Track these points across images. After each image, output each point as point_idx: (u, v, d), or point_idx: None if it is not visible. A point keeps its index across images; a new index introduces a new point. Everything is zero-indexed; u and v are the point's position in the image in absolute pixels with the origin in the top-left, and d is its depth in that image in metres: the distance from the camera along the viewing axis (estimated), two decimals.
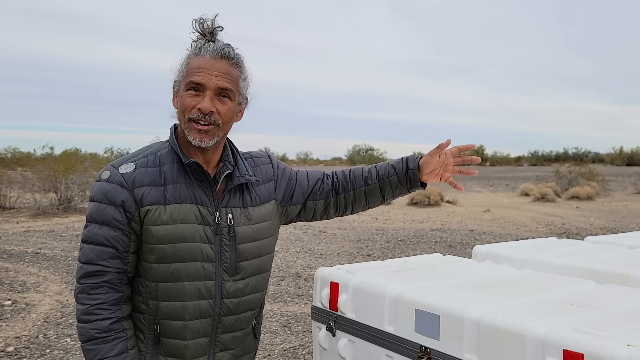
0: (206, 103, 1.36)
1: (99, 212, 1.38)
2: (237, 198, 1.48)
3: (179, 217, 1.39)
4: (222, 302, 1.44)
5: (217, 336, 1.46)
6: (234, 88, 1.41)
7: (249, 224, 1.48)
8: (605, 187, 19.88)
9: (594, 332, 1.38)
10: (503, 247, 2.77)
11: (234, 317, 1.48)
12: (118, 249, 1.37)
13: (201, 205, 1.41)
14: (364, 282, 1.98)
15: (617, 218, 12.88)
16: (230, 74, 1.40)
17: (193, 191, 1.41)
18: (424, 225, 11.40)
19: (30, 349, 4.27)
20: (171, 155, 1.44)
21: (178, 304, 1.40)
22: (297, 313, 5.23)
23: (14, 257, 7.59)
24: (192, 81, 1.37)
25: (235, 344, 1.51)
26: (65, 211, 12.64)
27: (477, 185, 24.57)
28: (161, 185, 1.39)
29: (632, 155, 51.28)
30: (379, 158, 56.94)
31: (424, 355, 1.70)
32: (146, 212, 1.37)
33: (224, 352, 1.49)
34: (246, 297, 1.49)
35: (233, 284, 1.45)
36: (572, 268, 2.30)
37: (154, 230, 1.37)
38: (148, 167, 1.41)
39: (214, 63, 1.38)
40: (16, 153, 30.45)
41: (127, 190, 1.37)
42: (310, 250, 8.40)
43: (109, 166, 1.43)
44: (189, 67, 1.39)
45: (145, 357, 1.44)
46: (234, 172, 1.48)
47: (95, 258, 1.37)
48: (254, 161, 1.59)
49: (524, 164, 57.51)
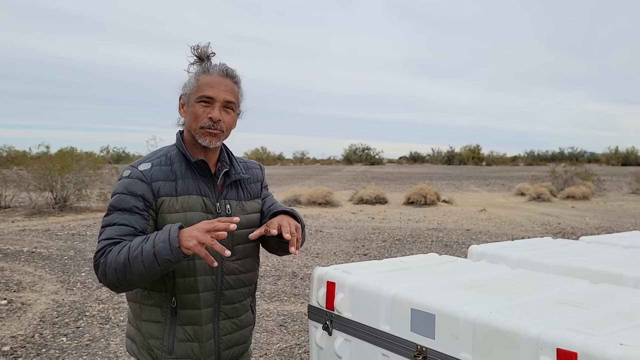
0: (216, 113, 1.66)
1: (121, 201, 1.62)
2: (233, 192, 1.77)
3: (188, 206, 1.66)
4: (222, 278, 1.71)
5: (220, 307, 1.72)
6: (236, 101, 1.72)
7: (244, 213, 1.77)
8: (601, 187, 19.96)
9: (588, 332, 1.39)
10: (498, 246, 2.78)
11: (233, 291, 1.74)
12: (136, 228, 1.60)
13: (205, 197, 1.69)
14: (360, 282, 1.99)
15: (613, 218, 12.94)
16: (234, 90, 1.71)
17: (198, 185, 1.69)
18: (420, 225, 11.42)
19: (26, 348, 4.27)
20: (179, 156, 1.72)
21: (192, 279, 1.65)
22: (294, 312, 5.24)
23: (10, 256, 7.57)
24: (204, 95, 1.66)
25: (235, 314, 1.76)
26: (61, 210, 12.61)
27: (473, 184, 24.63)
28: (173, 180, 1.66)
29: (628, 155, 51.47)
30: (375, 157, 56.95)
31: (420, 354, 1.71)
32: (162, 202, 1.63)
33: (227, 321, 1.74)
34: (242, 275, 1.77)
35: (231, 263, 1.72)
36: (567, 268, 2.32)
37: (168, 217, 1.63)
38: (162, 165, 1.68)
39: (221, 80, 1.68)
40: (12, 152, 30.30)
41: (146, 184, 1.63)
42: (307, 250, 8.40)
43: (129, 166, 1.70)
44: (200, 83, 1.68)
45: (165, 328, 1.67)
46: (230, 171, 1.77)
47: (114, 234, 1.58)
48: (246, 165, 1.89)
49: (520, 163, 57.67)
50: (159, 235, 1.50)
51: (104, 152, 42.55)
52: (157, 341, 1.67)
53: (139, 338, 1.71)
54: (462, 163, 53.93)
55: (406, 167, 50.89)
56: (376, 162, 55.91)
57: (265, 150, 57.74)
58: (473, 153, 56.00)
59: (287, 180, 25.74)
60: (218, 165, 1.77)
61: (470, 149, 56.54)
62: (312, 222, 11.56)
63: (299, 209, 14.06)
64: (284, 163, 56.99)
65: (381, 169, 44.74)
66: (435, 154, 60.49)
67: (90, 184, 13.67)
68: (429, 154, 62.64)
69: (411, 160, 64.18)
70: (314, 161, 63.39)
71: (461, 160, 54.81)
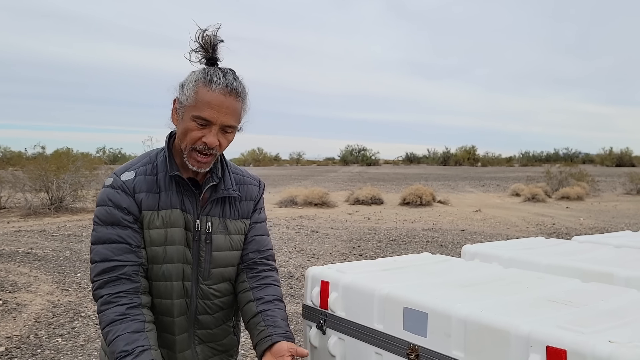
0: (212, 138, 1.46)
1: (107, 215, 1.48)
2: (218, 208, 1.59)
3: (170, 222, 1.51)
4: (197, 302, 1.57)
5: (194, 331, 1.60)
6: (237, 123, 1.52)
7: (225, 234, 1.60)
8: (595, 188, 20.05)
9: (577, 329, 1.41)
10: (491, 246, 2.80)
11: (209, 317, 1.61)
12: (131, 244, 1.47)
13: (186, 212, 1.54)
14: (353, 281, 2.00)
15: (607, 218, 13.00)
16: (236, 110, 1.49)
17: (182, 198, 1.54)
18: (415, 225, 11.45)
19: (21, 349, 4.26)
20: (165, 164, 1.55)
21: (168, 301, 1.53)
22: (290, 312, 5.25)
23: (5, 257, 7.55)
24: (200, 116, 1.45)
25: (213, 339, 1.64)
26: (57, 211, 12.58)
27: (468, 185, 24.68)
28: (157, 192, 1.51)
29: (622, 156, 51.64)
30: (371, 158, 56.97)
31: (412, 352, 1.73)
32: (143, 216, 1.49)
33: (203, 346, 1.63)
34: (219, 300, 1.63)
35: (206, 287, 1.58)
36: (558, 267, 2.33)
37: (146, 233, 1.49)
38: (146, 175, 1.53)
39: (223, 100, 1.45)
40: (7, 152, 30.25)
41: (129, 195, 1.49)
42: (303, 250, 8.41)
43: (112, 174, 1.54)
44: (198, 98, 1.45)
45: None
46: (219, 185, 1.60)
47: (110, 255, 1.45)
48: (243, 179, 1.69)
49: (515, 164, 57.78)
50: None
51: (100, 153, 42.43)
52: None
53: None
54: (457, 164, 54.00)
55: (402, 167, 50.95)
56: (372, 163, 55.93)
57: (262, 151, 57.69)
58: (468, 154, 56.10)
59: (283, 181, 25.73)
60: (207, 176, 1.59)
61: (465, 150, 56.65)
62: (308, 223, 11.56)
63: (295, 209, 14.08)
64: (280, 164, 56.92)
65: (377, 169, 44.77)
66: (431, 155, 60.58)
67: (86, 185, 13.65)
68: (424, 154, 62.75)
69: (407, 161, 64.23)
70: (311, 162, 63.34)
71: (457, 161, 54.89)
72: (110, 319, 1.42)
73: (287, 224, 11.30)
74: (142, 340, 1.40)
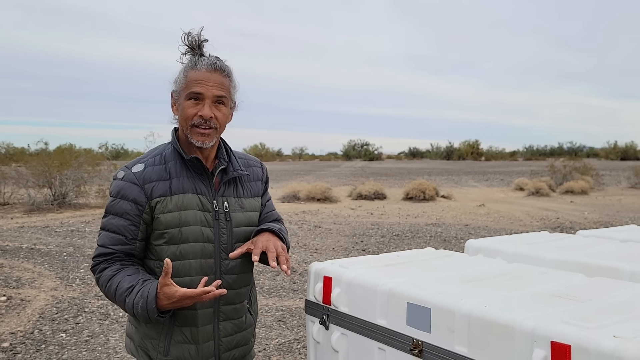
0: (207, 110, 1.61)
1: (115, 206, 1.64)
2: (231, 189, 1.73)
3: (183, 205, 1.63)
4: (222, 277, 1.68)
5: (219, 307, 1.70)
6: (227, 95, 1.66)
7: (242, 211, 1.74)
8: (600, 182, 19.98)
9: (582, 324, 1.40)
10: (495, 241, 2.78)
11: (233, 292, 1.71)
12: (127, 236, 1.63)
13: (201, 195, 1.66)
14: (356, 277, 1.99)
15: (611, 212, 12.96)
16: (224, 84, 1.65)
17: (194, 183, 1.67)
18: (419, 220, 11.44)
19: (25, 344, 4.28)
20: (174, 154, 1.69)
21: (187, 279, 1.62)
22: (292, 308, 5.25)
23: (9, 253, 7.57)
24: (192, 92, 1.61)
25: (236, 315, 1.75)
26: (60, 207, 12.61)
27: (472, 180, 24.64)
28: (167, 179, 1.64)
29: (627, 150, 51.50)
30: (374, 153, 56.93)
31: (416, 347, 1.72)
32: (156, 203, 1.62)
33: (227, 322, 1.72)
34: (242, 275, 1.74)
35: (230, 262, 1.69)
36: (563, 262, 2.32)
37: (162, 217, 1.61)
38: (155, 165, 1.66)
39: (209, 75, 1.62)
40: (10, 148, 30.32)
41: (138, 186, 1.62)
42: (306, 245, 8.42)
43: (123, 167, 1.68)
44: (188, 80, 1.63)
45: (162, 329, 1.66)
46: (228, 167, 1.73)
47: (108, 242, 1.63)
48: (247, 162, 1.84)
49: (518, 158, 57.67)
50: (138, 299, 1.53)
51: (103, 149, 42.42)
52: (154, 342, 1.66)
53: (137, 337, 1.70)
54: (461, 158, 53.91)
55: (405, 162, 50.90)
56: (375, 157, 55.87)
57: (264, 146, 57.75)
58: (472, 148, 55.99)
59: (286, 176, 25.74)
60: (216, 162, 1.73)
61: (469, 144, 56.53)
62: (311, 218, 11.57)
63: (297, 205, 14.08)
64: (282, 159, 56.94)
65: (380, 164, 44.73)
66: (434, 150, 60.46)
67: (88, 181, 13.67)
68: (427, 149, 62.62)
69: (410, 156, 64.16)
70: (313, 157, 63.35)
71: (460, 155, 54.81)
72: (108, 276, 1.60)
73: (290, 219, 11.31)
74: (142, 274, 1.61)
